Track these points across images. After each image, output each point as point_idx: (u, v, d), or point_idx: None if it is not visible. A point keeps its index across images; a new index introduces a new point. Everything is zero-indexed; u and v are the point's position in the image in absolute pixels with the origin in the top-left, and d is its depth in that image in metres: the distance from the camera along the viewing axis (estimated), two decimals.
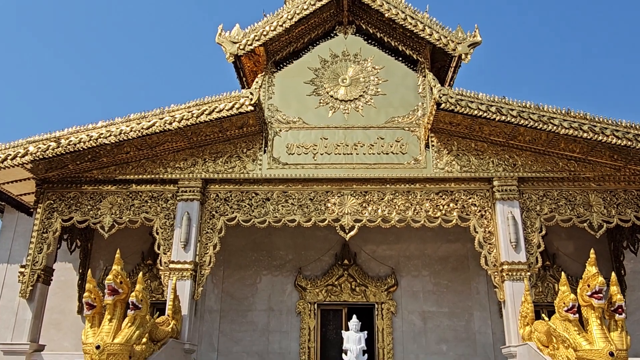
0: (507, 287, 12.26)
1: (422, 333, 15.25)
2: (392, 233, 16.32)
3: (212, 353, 15.26)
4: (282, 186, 13.46)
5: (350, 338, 5.86)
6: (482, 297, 15.61)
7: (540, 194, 13.11)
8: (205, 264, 12.92)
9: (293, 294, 15.82)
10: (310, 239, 16.34)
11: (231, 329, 15.54)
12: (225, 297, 15.86)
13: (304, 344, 15.15)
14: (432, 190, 13.30)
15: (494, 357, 14.96)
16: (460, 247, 16.11)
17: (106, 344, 8.34)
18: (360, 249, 16.17)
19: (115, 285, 8.68)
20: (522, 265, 12.31)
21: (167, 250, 12.96)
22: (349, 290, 15.62)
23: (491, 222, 12.97)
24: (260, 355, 15.23)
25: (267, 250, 16.33)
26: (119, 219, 13.29)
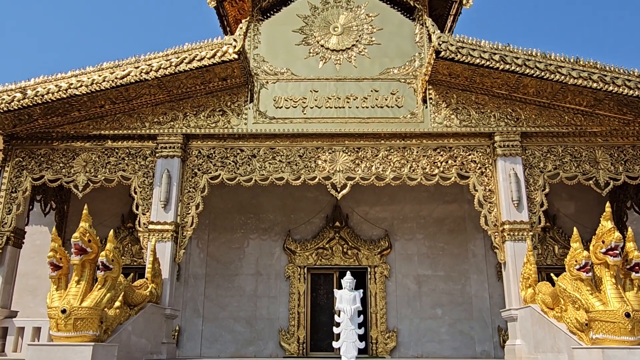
0: (508, 248, 11.58)
1: (416, 297, 14.64)
2: (386, 194, 15.55)
3: (197, 319, 14.59)
4: (270, 142, 12.56)
5: (343, 297, 5.09)
6: (479, 260, 14.98)
7: (544, 150, 12.32)
8: (187, 225, 12.09)
9: (282, 258, 15.10)
10: (300, 201, 15.54)
11: (217, 294, 14.84)
12: (210, 262, 15.11)
13: (294, 309, 14.50)
14: (430, 146, 12.47)
15: (491, 321, 14.42)
16: (457, 209, 15.40)
17: (73, 307, 7.55)
18: (352, 211, 15.41)
19: (82, 243, 7.83)
20: (524, 225, 11.61)
21: (146, 211, 12.10)
22: (340, 253, 14.92)
23: (492, 180, 12.20)
24: (247, 321, 14.58)
25: (255, 213, 15.53)
26: (94, 178, 12.36)
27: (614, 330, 7.38)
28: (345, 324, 5.14)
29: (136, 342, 9.54)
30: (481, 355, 14.12)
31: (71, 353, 7.31)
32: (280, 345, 14.28)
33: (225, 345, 14.35)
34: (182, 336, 14.43)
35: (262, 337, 14.42)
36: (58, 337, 7.54)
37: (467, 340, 14.28)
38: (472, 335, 14.35)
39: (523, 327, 10.73)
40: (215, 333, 14.49)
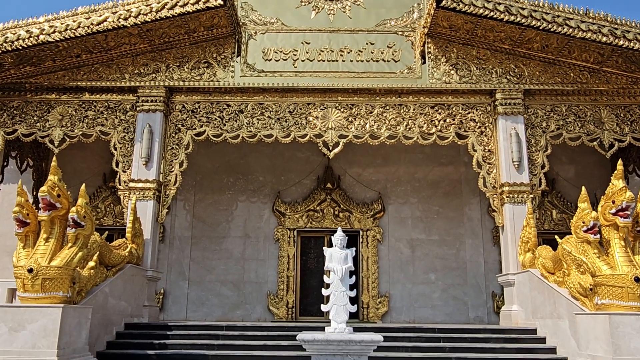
0: (506, 211, 11.07)
1: (409, 262, 14.21)
2: (380, 155, 14.95)
3: (182, 282, 14.10)
4: (258, 97, 11.84)
5: (333, 256, 4.54)
6: (474, 224, 14.52)
7: (548, 108, 11.70)
8: (171, 183, 11.45)
9: (271, 220, 14.55)
10: (290, 161, 14.91)
11: (204, 256, 14.32)
12: (197, 223, 14.54)
13: (283, 272, 14.04)
14: (427, 103, 11.80)
15: (485, 286, 14.05)
16: (453, 171, 14.84)
17: (41, 267, 6.96)
18: (344, 172, 14.81)
19: (51, 198, 7.19)
20: (524, 187, 11.08)
21: (126, 168, 11.44)
22: (331, 216, 14.39)
23: (492, 140, 11.61)
24: (235, 284, 14.12)
25: (243, 173, 14.89)
26: (71, 133, 11.63)
27: (622, 296, 6.92)
28: (336, 286, 4.60)
29: (114, 304, 9.02)
30: (474, 321, 13.79)
31: (38, 315, 6.76)
32: (268, 309, 13.87)
33: (211, 309, 13.92)
34: (167, 299, 13.97)
35: (249, 301, 14.00)
36: (25, 298, 6.98)
37: (461, 306, 13.94)
38: (466, 301, 13.99)
39: (520, 293, 10.32)
40: (202, 296, 14.03)
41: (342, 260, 4.79)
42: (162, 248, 14.26)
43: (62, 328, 6.81)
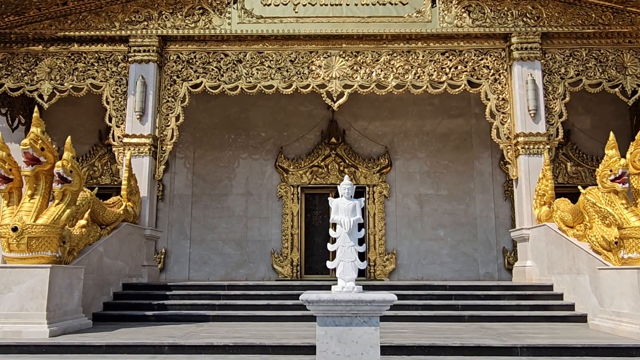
0: (521, 163, 10.49)
1: (417, 218, 13.74)
2: (386, 108, 14.28)
3: (184, 241, 13.73)
4: (257, 45, 11.12)
5: (340, 207, 4.04)
6: (485, 178, 13.96)
7: (567, 53, 10.94)
8: (167, 138, 10.89)
9: (274, 177, 14.04)
10: (292, 116, 14.27)
11: (205, 215, 13.90)
12: (197, 181, 14.05)
13: (286, 230, 13.63)
14: (437, 49, 11.06)
15: (496, 242, 13.61)
16: (463, 123, 14.18)
17: (26, 225, 6.49)
18: (349, 126, 14.19)
19: (34, 152, 6.65)
20: (540, 137, 10.46)
21: (120, 123, 10.86)
22: (336, 171, 13.85)
23: (506, 88, 10.91)
24: (237, 242, 13.74)
25: (244, 129, 14.29)
26: (60, 87, 11.01)
27: None
28: (343, 240, 4.11)
29: (110, 264, 8.62)
30: (484, 278, 13.42)
31: (25, 276, 6.33)
32: (272, 268, 13.53)
33: (214, 268, 13.59)
34: (169, 259, 13.63)
35: (253, 259, 13.65)
36: (10, 258, 6.55)
37: (470, 263, 13.54)
38: (475, 257, 13.58)
39: (535, 248, 9.85)
40: (204, 255, 13.68)
41: (349, 212, 4.27)
42: (162, 207, 13.84)
43: (51, 289, 6.39)
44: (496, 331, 6.79)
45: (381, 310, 3.91)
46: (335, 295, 3.91)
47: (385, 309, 3.92)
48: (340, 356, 3.90)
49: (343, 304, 3.88)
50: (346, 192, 4.37)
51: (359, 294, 3.98)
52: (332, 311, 3.92)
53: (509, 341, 5.87)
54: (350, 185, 4.37)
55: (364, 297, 3.87)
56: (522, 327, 7.20)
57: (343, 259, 4.20)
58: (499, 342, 5.83)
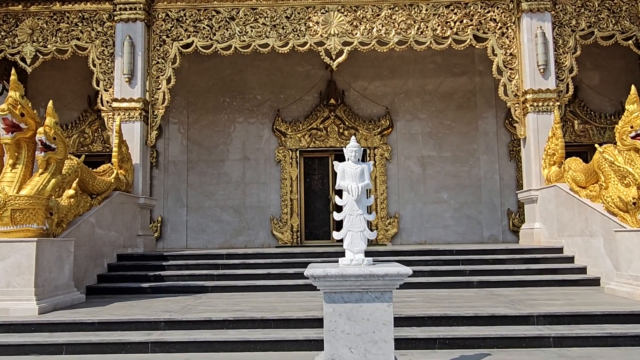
0: (529, 121, 10.04)
1: (420, 180, 13.36)
2: (387, 67, 13.71)
3: (180, 209, 13.37)
4: (250, 0, 10.48)
5: (347, 172, 3.64)
6: (489, 138, 13.52)
7: (578, 4, 10.34)
8: (159, 102, 10.37)
9: (271, 141, 13.57)
10: (289, 76, 13.70)
11: (201, 181, 13.49)
12: (192, 146, 13.59)
13: (286, 195, 13.26)
14: (442, 2, 10.44)
15: (500, 204, 13.28)
16: (467, 82, 13.64)
17: (9, 197, 6.08)
18: (349, 87, 13.64)
19: (13, 117, 6.17)
20: (550, 94, 9.98)
21: (108, 87, 10.33)
22: (336, 134, 13.39)
23: (514, 42, 10.35)
24: (236, 209, 13.38)
25: (239, 91, 13.73)
26: (44, 49, 10.42)
27: None
28: (350, 208, 3.73)
29: (103, 235, 8.25)
30: (489, 240, 13.15)
31: (10, 250, 5.96)
32: (272, 234, 13.22)
33: (212, 236, 13.28)
34: (166, 227, 13.29)
35: (252, 226, 13.32)
36: None
37: (474, 225, 13.24)
38: (480, 220, 13.28)
39: (544, 209, 9.51)
40: (202, 223, 13.35)
41: (357, 177, 3.86)
42: (157, 174, 13.42)
43: (38, 264, 6.03)
44: (508, 298, 6.49)
45: (395, 285, 3.55)
46: (343, 270, 3.54)
47: (399, 283, 3.56)
48: (350, 335, 3.56)
49: (352, 279, 3.51)
50: (353, 154, 3.95)
51: (369, 267, 3.61)
52: (340, 287, 3.55)
53: (524, 309, 5.56)
54: (357, 147, 3.95)
55: (376, 271, 3.49)
56: (534, 293, 6.90)
57: (351, 229, 3.82)
58: (514, 310, 5.52)
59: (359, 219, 3.82)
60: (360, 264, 3.71)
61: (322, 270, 3.52)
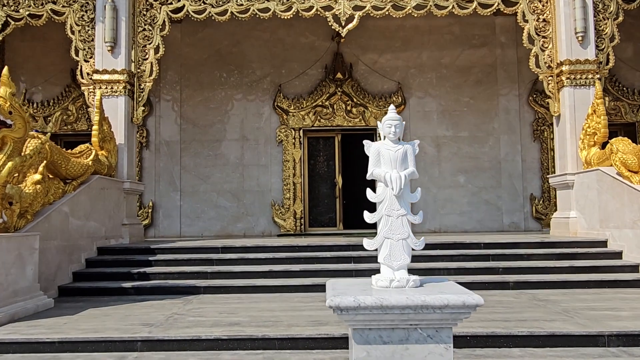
0: (565, 96, 8.88)
1: (434, 163, 12.24)
2: (399, 38, 12.48)
3: (173, 193, 12.26)
4: None
5: (383, 155, 2.54)
6: (511, 117, 12.35)
7: None
8: (145, 74, 9.19)
9: (272, 119, 12.41)
10: (292, 49, 12.48)
11: (196, 163, 12.37)
12: (186, 125, 12.43)
13: (288, 179, 12.14)
14: None
15: (523, 188, 12.18)
16: (486, 54, 12.43)
17: None
18: (357, 60, 12.43)
19: None
20: (589, 65, 8.81)
21: (88, 57, 9.14)
22: (343, 112, 12.22)
23: (548, 6, 9.14)
24: (234, 194, 12.28)
25: (237, 65, 12.52)
26: (15, 14, 9.20)
27: None
28: (389, 206, 2.67)
29: (79, 226, 7.16)
30: (509, 228, 12.08)
31: None
32: (273, 220, 12.14)
33: (208, 223, 12.20)
34: (157, 213, 12.21)
35: (251, 212, 12.23)
36: None
37: (493, 212, 12.15)
38: (499, 206, 12.18)
39: (582, 196, 8.40)
40: (197, 209, 12.25)
41: (398, 163, 2.76)
42: (147, 155, 12.30)
43: None
44: (558, 305, 5.42)
45: (457, 320, 2.46)
46: (382, 298, 2.43)
47: (464, 317, 2.46)
48: None
49: (397, 312, 2.41)
50: (392, 131, 2.82)
51: (419, 293, 2.51)
52: (378, 322, 2.46)
53: (589, 325, 4.49)
54: (397, 120, 2.83)
55: (431, 301, 2.39)
56: (585, 298, 5.83)
57: (389, 236, 2.71)
58: (575, 326, 4.45)
59: (401, 222, 2.71)
60: (403, 285, 2.61)
61: (353, 299, 2.41)
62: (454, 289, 2.58)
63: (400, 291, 2.55)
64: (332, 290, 2.53)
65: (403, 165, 2.77)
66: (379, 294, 2.48)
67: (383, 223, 2.74)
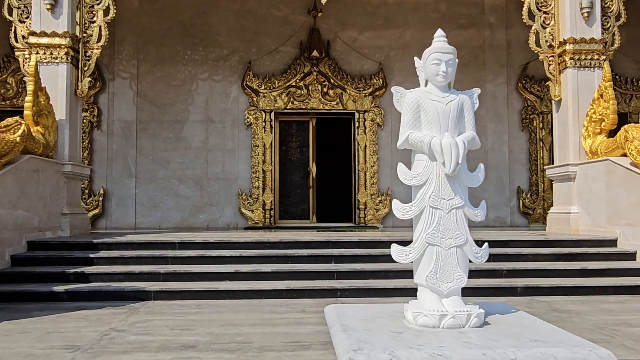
0: (568, 78, 8.02)
1: None
2: (381, 15, 11.47)
3: (128, 180, 10.97)
4: None
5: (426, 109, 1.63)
6: (498, 104, 11.52)
7: None
8: (93, 39, 7.89)
9: (240, 99, 11.23)
10: (263, 22, 11.31)
11: (154, 147, 11.10)
12: (143, 104, 11.13)
13: (257, 166, 11.01)
14: None
15: (510, 181, 11.39)
16: (474, 36, 11.54)
17: None
18: (335, 37, 11.35)
19: None
20: (595, 45, 7.97)
21: (24, 17, 7.77)
22: (319, 93, 11.14)
23: None
24: (196, 181, 11.07)
25: (202, 38, 11.28)
26: None
27: None
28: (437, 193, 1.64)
29: (3, 215, 5.88)
30: (494, 223, 11.29)
31: None
32: (240, 212, 11.00)
33: (167, 213, 10.97)
34: (109, 202, 10.90)
35: (216, 202, 11.06)
36: None
37: (478, 205, 11.26)
38: (484, 199, 11.28)
39: (586, 189, 7.58)
40: (154, 197, 11.01)
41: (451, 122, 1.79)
42: (99, 136, 10.96)
43: None
44: (583, 318, 4.52)
45: None
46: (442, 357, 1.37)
47: None
48: None
49: None
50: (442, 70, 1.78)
51: (496, 342, 1.46)
52: None
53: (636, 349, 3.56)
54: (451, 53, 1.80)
55: None
56: (611, 308, 4.95)
57: (436, 241, 1.67)
58: (630, 354, 3.50)
59: (455, 219, 1.71)
60: (462, 324, 1.57)
61: (390, 357, 1.35)
62: (544, 330, 1.55)
63: (462, 336, 1.51)
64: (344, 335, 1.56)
65: (457, 127, 1.76)
66: (429, 344, 1.44)
67: (425, 220, 1.72)
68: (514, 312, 1.83)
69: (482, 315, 1.71)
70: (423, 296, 1.76)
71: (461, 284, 1.72)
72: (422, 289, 1.75)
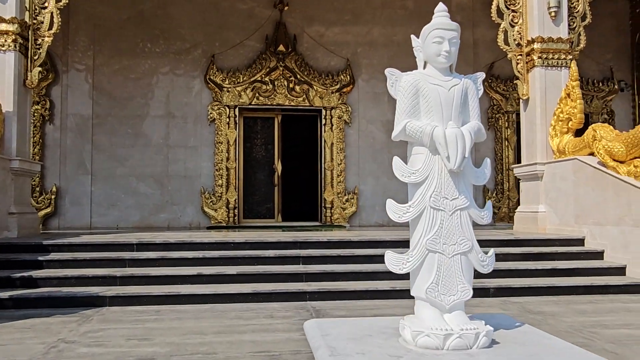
0: (536, 77, 8.01)
1: (384, 149, 11.16)
2: (349, 10, 11.29)
3: (83, 177, 10.43)
4: None
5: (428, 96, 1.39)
6: None
7: None
8: (44, 26, 7.39)
9: (203, 94, 10.85)
10: (228, 15, 10.96)
11: (112, 143, 10.60)
12: (99, 97, 10.61)
13: (221, 163, 10.65)
14: None
15: None
16: None
17: None
18: (302, 31, 11.10)
19: None
20: (562, 44, 7.99)
21: None
22: (285, 89, 10.87)
23: None
24: (156, 179, 10.64)
25: (163, 30, 10.84)
26: None
27: None
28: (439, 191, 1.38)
29: None
30: None
31: None
32: (202, 211, 10.62)
33: (126, 212, 10.50)
34: (63, 200, 10.35)
35: (177, 200, 10.65)
36: None
37: None
38: None
39: (553, 188, 7.58)
40: (112, 196, 10.51)
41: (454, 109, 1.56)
42: (51, 131, 10.39)
43: None
44: (559, 319, 4.42)
45: None
46: None
47: None
48: None
49: None
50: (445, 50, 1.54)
51: None
52: None
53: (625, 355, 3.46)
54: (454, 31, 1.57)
55: None
56: (584, 309, 4.89)
57: (438, 248, 1.43)
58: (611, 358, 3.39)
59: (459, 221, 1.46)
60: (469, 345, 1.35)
61: None
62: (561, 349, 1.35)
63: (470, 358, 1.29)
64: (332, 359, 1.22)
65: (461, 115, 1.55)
66: None
67: (425, 223, 1.46)
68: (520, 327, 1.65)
69: (491, 333, 1.50)
70: (423, 312, 1.54)
71: (466, 297, 1.52)
72: (421, 303, 1.53)
